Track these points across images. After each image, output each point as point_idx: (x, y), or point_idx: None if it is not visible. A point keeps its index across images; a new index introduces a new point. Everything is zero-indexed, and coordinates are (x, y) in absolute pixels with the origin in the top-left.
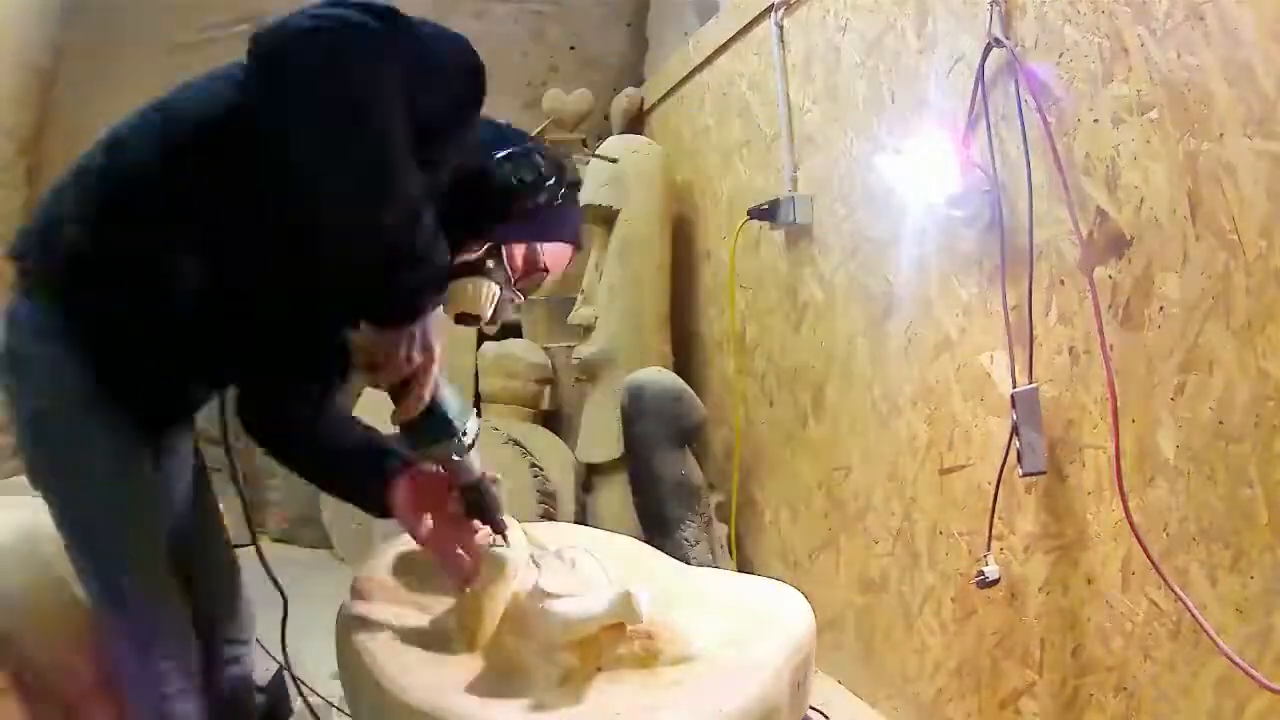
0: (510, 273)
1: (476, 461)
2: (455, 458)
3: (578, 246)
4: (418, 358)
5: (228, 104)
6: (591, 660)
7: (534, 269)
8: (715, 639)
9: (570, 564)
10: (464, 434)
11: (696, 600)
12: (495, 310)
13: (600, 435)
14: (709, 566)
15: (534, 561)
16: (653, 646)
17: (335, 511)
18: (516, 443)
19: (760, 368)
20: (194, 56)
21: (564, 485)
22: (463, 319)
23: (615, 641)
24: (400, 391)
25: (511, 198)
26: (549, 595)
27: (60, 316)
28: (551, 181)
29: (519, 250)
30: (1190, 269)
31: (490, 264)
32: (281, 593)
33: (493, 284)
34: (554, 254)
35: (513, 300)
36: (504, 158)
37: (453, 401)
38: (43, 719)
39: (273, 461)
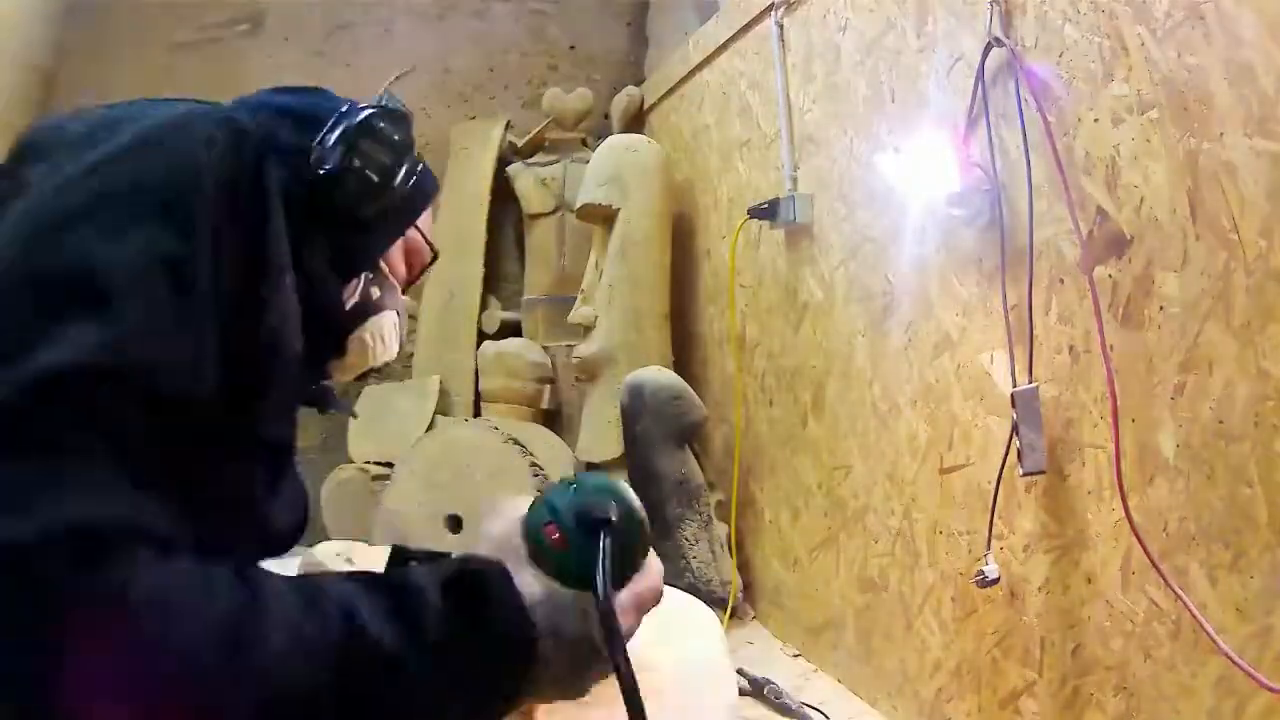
0: (399, 282)
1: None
2: None
3: (437, 190)
4: None
5: None
6: None
7: (424, 259)
8: (641, 641)
9: None
10: None
11: None
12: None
13: (600, 434)
14: (709, 565)
15: None
16: None
17: (335, 511)
18: (516, 442)
19: (760, 367)
20: (194, 56)
21: None
22: (366, 374)
23: None
24: None
25: (362, 207)
26: None
27: None
28: (404, 147)
29: (399, 253)
30: (1190, 268)
31: (375, 291)
32: None
33: (390, 313)
34: (428, 223)
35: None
36: (328, 168)
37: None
38: None
39: None
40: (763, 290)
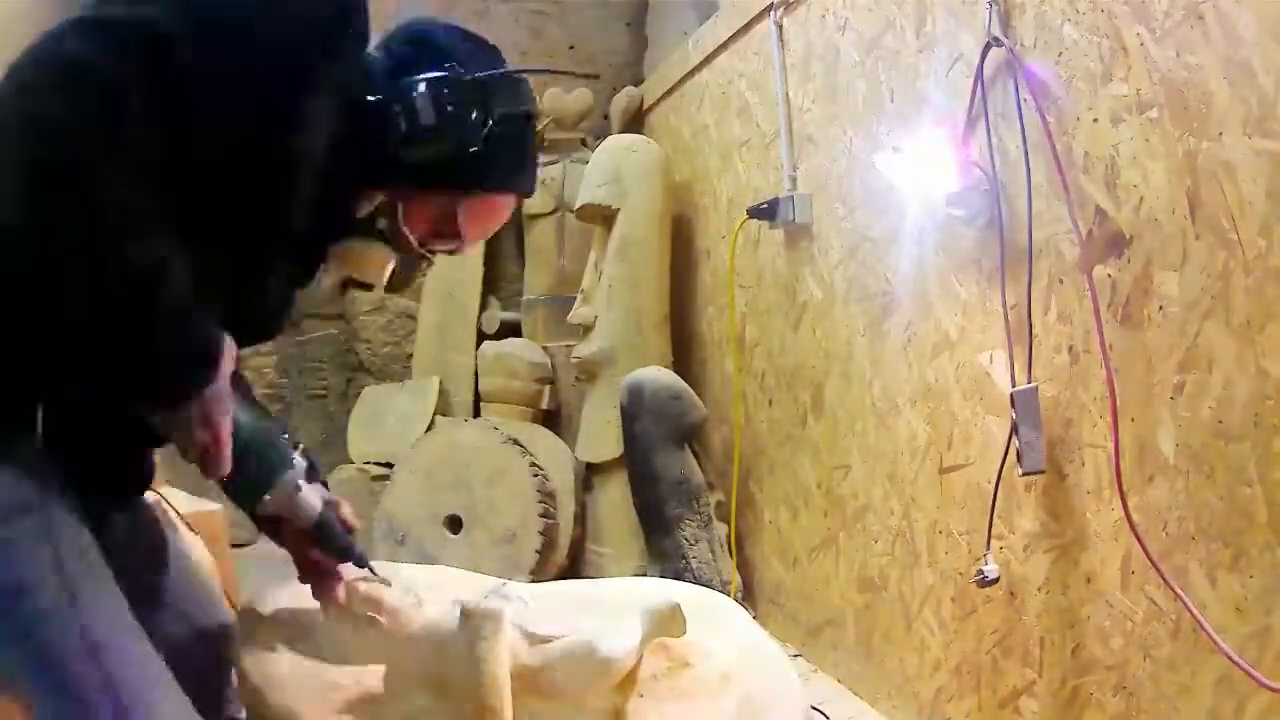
0: (408, 236)
1: (315, 496)
2: (287, 500)
3: (524, 194)
4: (203, 435)
5: None
6: (631, 689)
7: (442, 234)
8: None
9: (506, 599)
10: (284, 480)
11: (609, 603)
12: (397, 275)
13: (600, 434)
14: (709, 565)
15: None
16: (677, 656)
17: None
18: (516, 442)
19: (759, 367)
20: None
21: (564, 485)
22: (350, 284)
23: (641, 664)
24: (200, 462)
25: (396, 144)
26: (544, 639)
27: None
28: (473, 117)
29: (420, 209)
30: (1190, 268)
31: (380, 224)
32: None
33: (383, 248)
34: (479, 212)
35: (424, 260)
36: (405, 89)
37: (266, 449)
38: None
39: None
40: (762, 290)
